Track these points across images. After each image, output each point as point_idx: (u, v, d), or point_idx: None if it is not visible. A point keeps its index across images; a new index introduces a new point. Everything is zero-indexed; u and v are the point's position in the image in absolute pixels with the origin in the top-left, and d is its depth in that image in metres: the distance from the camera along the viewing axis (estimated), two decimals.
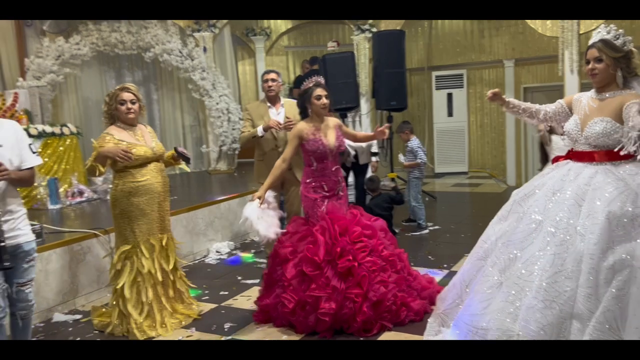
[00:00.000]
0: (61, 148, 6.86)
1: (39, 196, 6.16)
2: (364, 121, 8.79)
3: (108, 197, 6.46)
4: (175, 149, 3.90)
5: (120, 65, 9.48)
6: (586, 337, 2.49)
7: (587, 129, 2.86)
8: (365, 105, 8.71)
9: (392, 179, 8.11)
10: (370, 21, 8.62)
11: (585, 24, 7.26)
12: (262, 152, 4.82)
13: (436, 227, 6.38)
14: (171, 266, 3.85)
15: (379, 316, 3.54)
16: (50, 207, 6.17)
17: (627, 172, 2.75)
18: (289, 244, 3.71)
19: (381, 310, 3.54)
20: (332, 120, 3.92)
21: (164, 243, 3.82)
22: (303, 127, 3.80)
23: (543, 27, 7.49)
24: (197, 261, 5.57)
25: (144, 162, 3.68)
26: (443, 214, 7.24)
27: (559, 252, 2.65)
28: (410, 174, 6.34)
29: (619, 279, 2.50)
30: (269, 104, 4.87)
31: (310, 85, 3.81)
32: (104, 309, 4.03)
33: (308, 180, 3.82)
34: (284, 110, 4.85)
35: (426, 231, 6.23)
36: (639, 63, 2.89)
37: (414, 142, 6.37)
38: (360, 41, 8.72)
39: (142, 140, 3.73)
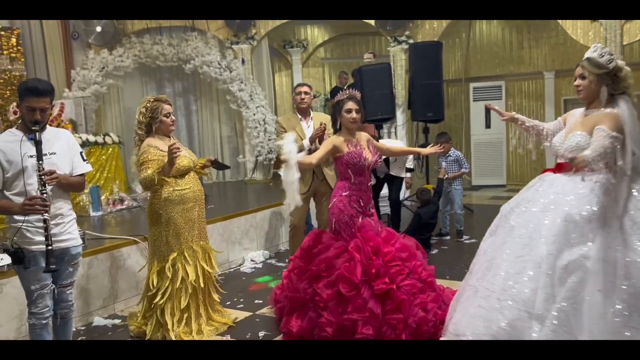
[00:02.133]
0: (103, 157, 7.08)
1: (81, 203, 6.36)
2: (400, 132, 8.75)
3: None
4: (215, 160, 4.04)
5: (161, 77, 9.73)
6: (542, 338, 2.59)
7: (566, 141, 3.01)
8: (401, 116, 8.67)
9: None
10: (407, 32, 8.61)
11: (629, 35, 7.09)
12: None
13: (473, 240, 6.28)
14: (212, 270, 3.92)
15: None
16: (92, 213, 6.35)
17: (596, 179, 2.84)
18: (321, 261, 3.58)
19: (419, 334, 3.41)
20: (364, 135, 3.85)
21: (205, 249, 3.91)
22: (340, 139, 3.71)
23: (585, 38, 7.34)
24: (232, 269, 5.63)
25: (186, 172, 3.78)
26: (480, 227, 7.08)
27: (522, 255, 2.81)
28: (454, 184, 6.32)
29: (572, 280, 2.62)
30: (300, 117, 4.90)
31: (344, 97, 3.77)
32: (139, 315, 4.07)
33: (345, 194, 3.66)
34: (314, 123, 4.87)
35: (465, 237, 6.27)
36: (632, 83, 2.96)
37: (457, 152, 6.37)
38: (396, 52, 8.71)
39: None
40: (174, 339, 3.69)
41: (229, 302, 4.45)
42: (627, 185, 2.80)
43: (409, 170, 6.23)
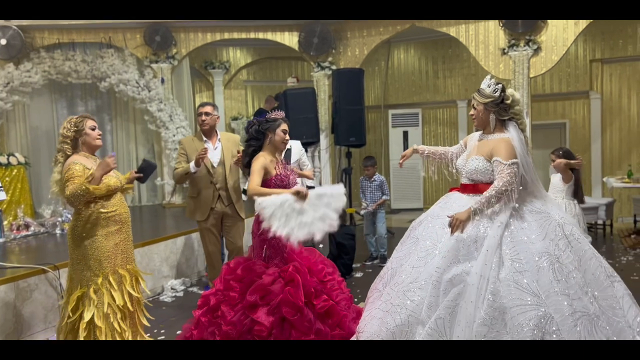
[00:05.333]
0: (7, 178, 6.55)
1: None
2: (323, 156, 8.81)
3: (57, 231, 6.24)
4: (144, 160, 3.88)
5: (73, 95, 9.22)
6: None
7: (467, 164, 3.32)
8: (324, 140, 8.75)
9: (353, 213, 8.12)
10: (330, 58, 8.76)
11: (535, 68, 7.62)
12: (197, 189, 4.65)
13: None
14: (139, 295, 3.70)
15: None
16: None
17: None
18: (256, 289, 3.42)
19: None
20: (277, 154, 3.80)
21: (132, 273, 3.69)
22: (267, 159, 3.58)
23: (496, 69, 7.80)
24: (151, 299, 5.32)
25: (113, 192, 3.56)
26: None
27: (418, 266, 3.11)
28: (379, 208, 6.43)
29: (453, 291, 2.91)
30: (205, 138, 4.70)
31: (279, 117, 3.72)
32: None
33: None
34: (222, 145, 4.72)
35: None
36: (520, 109, 3.28)
37: (381, 177, 6.48)
38: (319, 78, 8.83)
39: None
40: None
41: (149, 334, 4.18)
42: (513, 206, 3.10)
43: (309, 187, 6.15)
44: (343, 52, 8.85)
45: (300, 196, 3.29)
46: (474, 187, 3.29)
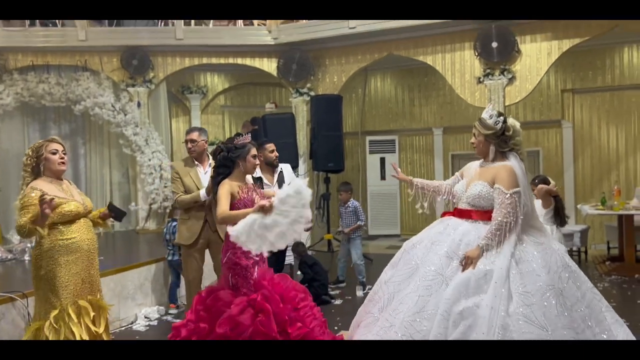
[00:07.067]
0: None
1: None
2: None
3: (25, 257, 6.02)
4: (110, 204, 3.71)
5: (46, 117, 9.04)
6: None
7: (468, 190, 3.30)
8: (302, 166, 8.73)
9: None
10: (309, 85, 8.80)
11: (510, 97, 7.78)
12: (189, 213, 4.59)
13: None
14: (102, 329, 3.50)
15: None
16: None
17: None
18: (225, 321, 3.30)
19: None
20: (249, 179, 3.74)
21: (94, 305, 3.50)
22: (233, 184, 3.52)
23: (472, 97, 7.93)
24: (123, 328, 5.14)
25: (73, 219, 3.41)
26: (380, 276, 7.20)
27: (423, 295, 3.05)
28: (354, 233, 6.38)
29: (464, 324, 2.88)
30: (196, 162, 4.69)
31: (248, 142, 3.64)
32: None
33: (238, 245, 3.40)
34: (212, 170, 4.68)
35: (366, 291, 6.19)
36: (520, 140, 3.27)
37: (355, 202, 6.45)
38: (298, 104, 8.85)
39: (70, 195, 3.49)
40: None
41: None
42: (517, 235, 3.09)
43: None
44: (321, 78, 8.91)
45: (265, 210, 3.15)
46: (474, 213, 3.26)
